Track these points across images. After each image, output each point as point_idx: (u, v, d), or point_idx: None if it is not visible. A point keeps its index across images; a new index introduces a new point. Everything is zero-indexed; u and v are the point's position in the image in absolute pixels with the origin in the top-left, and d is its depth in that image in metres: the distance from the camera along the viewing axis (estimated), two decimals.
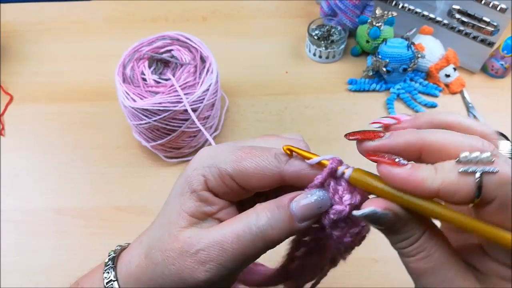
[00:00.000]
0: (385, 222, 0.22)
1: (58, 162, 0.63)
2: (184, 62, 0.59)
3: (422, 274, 0.23)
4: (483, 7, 0.66)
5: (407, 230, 0.23)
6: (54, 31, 0.83)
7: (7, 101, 0.71)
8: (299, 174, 0.25)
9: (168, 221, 0.26)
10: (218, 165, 0.25)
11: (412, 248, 0.23)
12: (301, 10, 0.86)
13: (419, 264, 0.23)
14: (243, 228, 0.24)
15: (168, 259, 0.25)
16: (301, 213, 0.24)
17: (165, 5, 0.87)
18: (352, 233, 0.26)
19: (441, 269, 0.23)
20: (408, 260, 0.23)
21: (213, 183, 0.25)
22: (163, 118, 0.54)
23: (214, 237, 0.25)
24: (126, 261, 0.28)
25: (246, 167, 0.25)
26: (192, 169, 0.26)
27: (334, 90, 0.72)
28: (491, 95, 0.70)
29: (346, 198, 0.24)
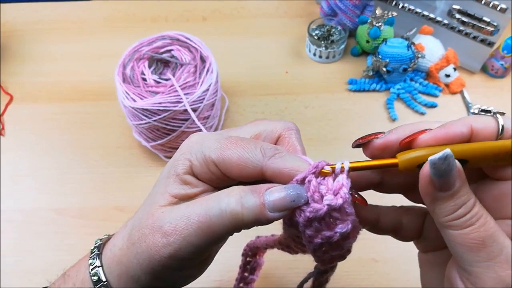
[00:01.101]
0: (453, 172, 0.22)
1: (58, 162, 0.63)
2: (184, 62, 0.59)
3: (483, 244, 0.22)
4: (483, 7, 0.66)
5: (465, 193, 0.22)
6: (54, 31, 0.83)
7: (7, 101, 0.71)
8: (280, 172, 0.24)
9: (150, 202, 0.27)
10: (203, 151, 0.25)
11: (471, 215, 0.22)
12: (301, 10, 0.86)
13: (480, 233, 0.22)
14: (212, 202, 0.24)
15: (142, 237, 0.25)
16: (273, 203, 0.24)
17: (165, 5, 0.87)
18: (324, 236, 0.25)
19: (499, 236, 0.22)
20: (465, 232, 0.22)
21: (198, 168, 0.26)
22: (163, 118, 0.54)
23: (182, 211, 0.25)
24: (111, 245, 0.28)
25: (229, 156, 0.25)
26: (179, 154, 0.27)
27: (334, 90, 0.72)
28: (491, 95, 0.70)
29: (328, 198, 0.24)
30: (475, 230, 0.22)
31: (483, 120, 0.23)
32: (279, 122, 0.28)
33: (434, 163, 0.22)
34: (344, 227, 0.24)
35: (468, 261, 0.23)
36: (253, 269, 0.44)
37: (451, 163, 0.22)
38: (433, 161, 0.22)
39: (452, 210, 0.22)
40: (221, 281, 0.51)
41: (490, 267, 0.22)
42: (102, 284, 0.27)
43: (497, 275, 0.22)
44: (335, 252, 0.26)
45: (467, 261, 0.23)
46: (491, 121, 0.23)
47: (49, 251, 0.54)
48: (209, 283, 0.51)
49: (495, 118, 0.23)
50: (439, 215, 0.23)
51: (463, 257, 0.23)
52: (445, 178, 0.22)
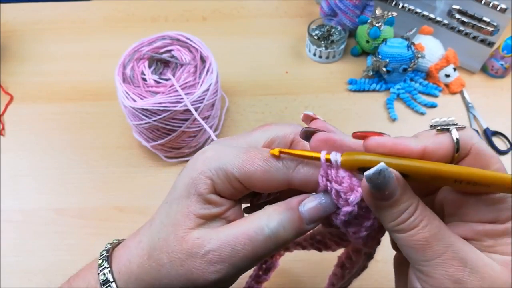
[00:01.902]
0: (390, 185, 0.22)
1: (58, 162, 0.63)
2: (184, 62, 0.59)
3: (428, 244, 0.23)
4: (483, 7, 0.66)
5: (407, 199, 0.23)
6: (54, 31, 0.83)
7: (7, 101, 0.71)
8: (308, 181, 0.25)
9: (173, 222, 0.26)
10: (225, 169, 0.25)
11: (414, 217, 0.23)
12: (301, 10, 0.86)
13: (423, 233, 0.23)
14: (255, 229, 0.25)
15: (175, 261, 0.25)
16: (309, 215, 0.25)
17: (165, 5, 0.87)
18: (366, 227, 0.26)
19: (444, 234, 0.23)
20: (410, 234, 0.23)
21: (220, 186, 0.26)
22: (163, 118, 0.54)
23: (225, 238, 0.25)
24: (125, 261, 0.28)
25: (253, 172, 0.25)
26: (197, 172, 0.26)
27: (334, 90, 0.72)
28: (491, 95, 0.70)
29: (352, 199, 0.24)
30: (418, 231, 0.23)
31: (437, 140, 0.23)
32: (288, 126, 0.28)
33: (370, 177, 0.22)
34: None
35: (417, 261, 0.24)
36: (267, 269, 0.45)
37: (386, 176, 0.22)
38: (368, 176, 0.22)
39: (395, 216, 0.23)
40: None
41: (438, 265, 0.23)
42: None
43: (445, 271, 0.23)
44: (380, 234, 0.28)
45: (417, 261, 0.24)
46: (445, 141, 0.23)
47: (49, 251, 0.54)
48: None
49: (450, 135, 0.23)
50: (385, 221, 0.24)
51: (413, 258, 0.24)
52: (382, 191, 0.23)
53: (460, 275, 0.22)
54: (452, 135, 0.23)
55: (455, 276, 0.23)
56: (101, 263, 0.28)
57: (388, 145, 0.23)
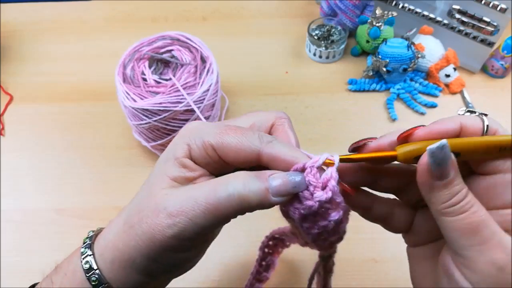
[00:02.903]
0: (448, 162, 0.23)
1: (58, 162, 0.63)
2: (185, 62, 0.59)
3: (477, 229, 0.23)
4: (483, 7, 0.66)
5: (459, 183, 0.24)
6: (54, 31, 0.83)
7: (7, 101, 0.71)
8: (276, 157, 0.25)
9: (149, 185, 0.27)
10: (202, 136, 0.26)
11: (466, 201, 0.24)
12: (301, 10, 0.86)
13: (474, 218, 0.23)
14: (220, 186, 0.25)
15: (143, 218, 0.26)
16: (277, 188, 0.25)
17: (165, 5, 0.87)
18: (320, 225, 0.26)
19: (490, 222, 0.24)
20: (460, 218, 0.24)
21: (196, 153, 0.26)
22: (163, 118, 0.54)
23: (189, 192, 0.25)
24: (104, 234, 0.28)
25: (228, 141, 0.26)
26: (178, 138, 0.27)
27: (334, 90, 0.72)
28: (491, 95, 0.70)
29: (317, 195, 0.25)
30: (468, 216, 0.23)
31: (471, 119, 0.25)
32: (272, 112, 0.29)
33: (433, 151, 0.23)
34: (336, 215, 0.26)
35: (462, 246, 0.24)
36: (267, 266, 0.45)
37: (447, 152, 0.23)
38: (431, 150, 0.23)
39: (447, 197, 0.24)
40: (220, 281, 0.51)
41: (484, 251, 0.23)
42: (94, 272, 0.27)
43: (490, 257, 0.23)
44: (334, 237, 0.28)
45: (462, 246, 0.24)
46: (478, 121, 0.25)
47: (49, 251, 0.54)
48: (209, 283, 0.51)
49: (480, 118, 0.25)
50: (436, 203, 0.24)
51: (458, 242, 0.24)
52: (442, 166, 0.23)
53: (504, 263, 0.23)
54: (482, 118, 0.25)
55: (499, 263, 0.23)
56: (85, 240, 0.29)
57: (435, 130, 0.25)
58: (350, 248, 0.52)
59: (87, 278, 0.27)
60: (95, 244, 0.28)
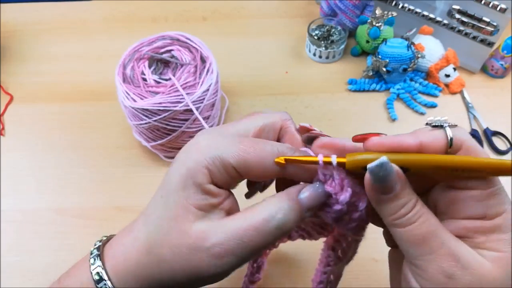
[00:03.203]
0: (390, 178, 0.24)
1: (58, 162, 0.63)
2: (184, 62, 0.59)
3: (424, 239, 0.24)
4: (483, 7, 0.66)
5: (406, 195, 0.24)
6: (54, 31, 0.83)
7: (7, 101, 0.71)
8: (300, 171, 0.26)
9: (173, 216, 0.26)
10: (221, 157, 0.25)
11: (413, 213, 0.24)
12: (301, 10, 0.86)
13: (421, 229, 0.24)
14: (262, 221, 0.25)
15: (179, 255, 0.25)
16: (308, 203, 0.26)
17: (165, 5, 0.87)
18: (355, 219, 0.28)
19: (440, 231, 0.24)
20: (408, 229, 0.24)
21: (217, 175, 0.26)
22: (163, 118, 0.54)
23: (231, 231, 0.25)
24: (120, 258, 0.27)
25: (249, 159, 0.25)
26: (194, 162, 0.26)
27: (334, 90, 0.72)
28: (491, 95, 0.70)
29: (342, 199, 0.26)
30: (416, 227, 0.24)
31: (432, 136, 0.25)
32: (276, 114, 0.30)
33: (372, 170, 0.24)
34: (363, 202, 0.27)
35: (413, 255, 0.25)
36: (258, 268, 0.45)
37: (388, 169, 0.23)
38: (370, 169, 0.24)
39: (394, 210, 0.25)
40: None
41: (432, 260, 0.24)
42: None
43: (439, 266, 0.24)
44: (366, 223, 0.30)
45: (413, 256, 0.25)
46: (440, 136, 0.25)
47: (49, 251, 0.54)
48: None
49: (445, 133, 0.25)
50: (384, 215, 0.25)
51: (409, 252, 0.25)
52: (383, 183, 0.24)
53: (453, 271, 0.23)
54: (446, 131, 0.24)
55: (448, 271, 0.23)
56: (93, 262, 0.27)
57: (387, 143, 0.25)
58: None
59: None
60: (109, 267, 0.27)
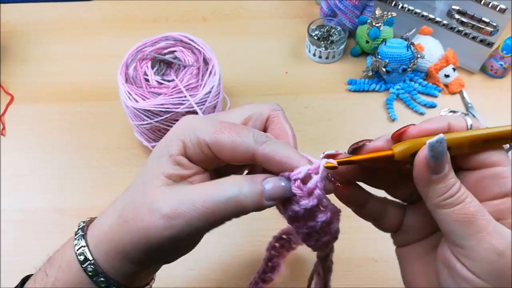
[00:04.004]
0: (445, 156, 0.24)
1: (59, 162, 0.63)
2: (187, 64, 0.59)
3: (474, 218, 0.24)
4: (482, 7, 0.66)
5: (453, 176, 0.25)
6: (54, 31, 0.83)
7: (7, 101, 0.71)
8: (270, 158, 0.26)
9: (144, 181, 0.27)
10: (197, 134, 0.26)
11: (461, 193, 0.25)
12: (301, 10, 0.86)
13: (470, 208, 0.24)
14: (218, 190, 0.25)
15: (138, 215, 0.26)
16: (270, 192, 0.26)
17: (165, 5, 0.87)
18: (308, 226, 0.28)
19: (484, 211, 0.25)
20: (457, 209, 0.25)
21: (191, 150, 0.27)
22: (165, 119, 0.54)
23: (185, 195, 0.25)
24: (97, 225, 0.28)
25: (223, 140, 0.26)
26: (172, 135, 0.27)
27: (334, 90, 0.72)
28: (490, 95, 0.70)
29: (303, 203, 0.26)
30: (464, 207, 0.24)
31: (457, 119, 0.27)
32: (266, 104, 0.30)
33: (432, 145, 0.24)
34: (323, 216, 0.27)
35: (462, 236, 0.25)
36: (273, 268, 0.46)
37: (444, 146, 0.24)
38: (431, 144, 0.24)
39: (443, 191, 0.25)
40: (219, 280, 0.51)
41: (482, 238, 0.24)
42: (89, 262, 0.27)
43: (489, 244, 0.24)
44: (326, 238, 0.29)
45: (461, 236, 0.25)
46: (462, 120, 0.27)
47: (49, 251, 0.54)
48: (208, 283, 0.51)
49: (464, 118, 0.27)
50: (432, 196, 0.25)
51: (457, 233, 0.25)
52: (439, 160, 0.24)
53: (503, 248, 0.23)
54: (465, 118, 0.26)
55: (499, 249, 0.23)
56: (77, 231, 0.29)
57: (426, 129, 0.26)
58: (350, 248, 0.52)
59: (83, 269, 0.27)
60: (89, 235, 0.28)
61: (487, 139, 0.25)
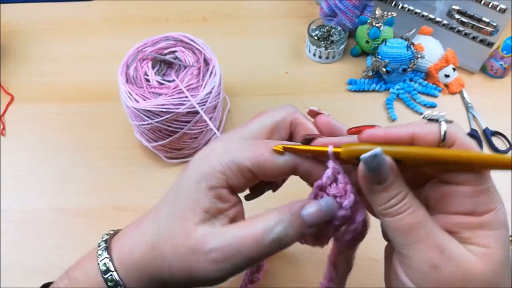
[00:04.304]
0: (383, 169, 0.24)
1: (59, 162, 0.63)
2: (188, 64, 0.59)
3: (411, 229, 0.25)
4: (482, 7, 0.66)
5: (397, 186, 0.25)
6: (54, 31, 0.83)
7: (7, 101, 0.71)
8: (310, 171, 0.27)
9: (180, 216, 0.27)
10: (237, 161, 0.26)
11: (402, 204, 0.25)
12: (301, 10, 0.86)
13: (409, 220, 0.25)
14: (262, 233, 0.26)
15: (179, 254, 0.26)
16: (310, 220, 0.27)
17: (165, 5, 0.87)
18: (351, 230, 0.28)
19: (427, 223, 0.25)
20: (397, 219, 0.25)
21: (233, 180, 0.27)
22: (165, 120, 0.54)
23: (231, 238, 0.26)
24: (126, 250, 0.28)
25: (264, 161, 0.26)
26: (209, 166, 0.27)
27: (334, 90, 0.72)
28: (490, 95, 0.70)
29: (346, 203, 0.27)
30: (404, 217, 0.25)
31: (426, 128, 0.25)
32: (281, 109, 0.31)
33: (365, 160, 0.24)
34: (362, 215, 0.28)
35: (400, 244, 0.25)
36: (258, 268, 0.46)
37: (381, 160, 0.24)
38: (364, 159, 0.24)
39: (385, 200, 0.25)
40: None
41: (419, 249, 0.25)
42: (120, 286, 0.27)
43: (424, 256, 0.24)
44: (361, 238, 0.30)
45: (400, 245, 0.25)
46: (433, 129, 0.25)
47: (50, 251, 0.54)
48: None
49: (438, 127, 0.25)
50: (375, 204, 0.26)
51: (397, 241, 0.25)
52: (376, 173, 0.25)
53: (438, 261, 0.24)
54: (440, 126, 0.25)
55: (432, 261, 0.24)
56: (101, 253, 0.28)
57: (381, 134, 0.26)
58: None
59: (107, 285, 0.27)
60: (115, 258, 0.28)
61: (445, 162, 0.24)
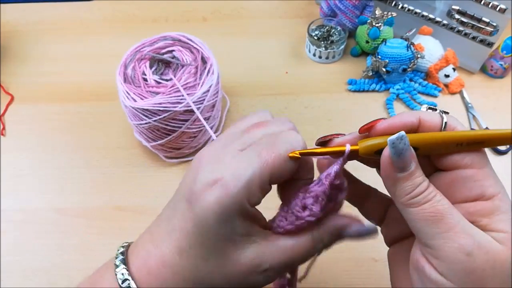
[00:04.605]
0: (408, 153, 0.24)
1: (59, 162, 0.63)
2: (185, 63, 0.59)
3: (441, 216, 0.24)
4: (482, 7, 0.66)
5: (420, 174, 0.25)
6: (54, 31, 0.83)
7: (8, 101, 0.71)
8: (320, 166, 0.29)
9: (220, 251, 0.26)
10: (255, 179, 0.25)
11: (428, 192, 0.24)
12: (301, 10, 0.86)
13: (438, 206, 0.24)
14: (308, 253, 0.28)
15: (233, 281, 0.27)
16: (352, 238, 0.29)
17: (165, 5, 0.87)
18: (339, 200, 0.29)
19: (453, 210, 0.24)
20: (424, 207, 0.24)
21: (255, 198, 0.26)
22: (163, 119, 0.54)
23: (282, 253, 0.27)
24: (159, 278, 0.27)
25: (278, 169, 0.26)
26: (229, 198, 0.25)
27: (334, 90, 0.72)
28: (490, 95, 0.70)
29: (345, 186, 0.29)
30: (432, 205, 0.24)
31: (430, 115, 0.26)
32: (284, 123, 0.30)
33: (393, 142, 0.24)
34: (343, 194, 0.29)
35: (429, 235, 0.24)
36: None
37: (406, 143, 0.24)
38: (392, 141, 0.24)
39: (410, 189, 0.25)
40: None
41: (450, 238, 0.23)
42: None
43: (457, 243, 0.23)
44: None
45: (428, 235, 0.24)
46: (436, 117, 0.26)
47: (50, 251, 0.54)
48: None
49: (440, 115, 0.26)
50: (399, 195, 0.25)
51: (424, 232, 0.24)
52: (402, 158, 0.24)
53: (471, 248, 0.23)
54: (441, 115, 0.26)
55: (467, 249, 0.23)
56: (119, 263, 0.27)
57: (393, 123, 0.26)
58: (349, 248, 0.52)
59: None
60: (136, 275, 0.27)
61: (459, 141, 0.25)
